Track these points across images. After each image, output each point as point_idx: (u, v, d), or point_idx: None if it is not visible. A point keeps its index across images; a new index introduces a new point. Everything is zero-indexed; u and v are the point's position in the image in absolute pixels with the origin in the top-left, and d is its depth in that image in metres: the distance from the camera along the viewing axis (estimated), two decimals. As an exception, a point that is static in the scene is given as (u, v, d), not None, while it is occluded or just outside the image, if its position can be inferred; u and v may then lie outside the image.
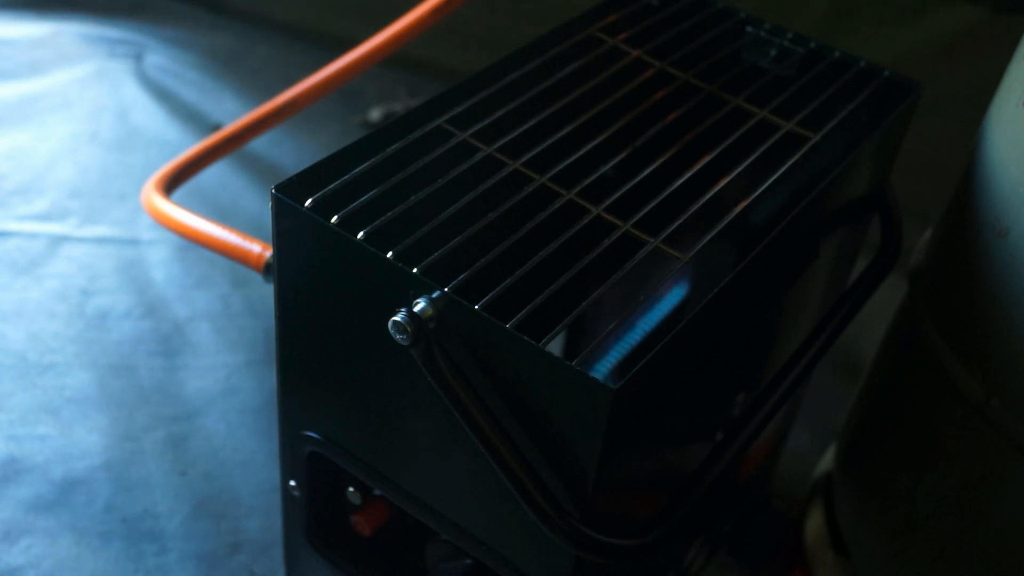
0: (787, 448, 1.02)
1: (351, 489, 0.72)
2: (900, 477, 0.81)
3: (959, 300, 0.73)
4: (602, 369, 0.52)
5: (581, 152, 0.65)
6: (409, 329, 0.54)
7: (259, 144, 1.37)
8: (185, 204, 0.96)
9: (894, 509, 0.82)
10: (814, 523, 0.95)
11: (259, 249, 0.80)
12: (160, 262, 1.24)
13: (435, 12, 1.09)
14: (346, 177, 0.60)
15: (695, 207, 0.62)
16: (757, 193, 0.64)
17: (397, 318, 0.54)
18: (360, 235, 0.57)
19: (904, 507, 0.81)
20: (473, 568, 0.69)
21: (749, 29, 0.80)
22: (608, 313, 0.55)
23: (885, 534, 0.83)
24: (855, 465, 0.89)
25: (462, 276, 0.55)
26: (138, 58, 1.58)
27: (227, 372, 1.11)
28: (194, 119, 1.47)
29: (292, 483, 0.74)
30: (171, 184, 1.04)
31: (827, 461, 0.98)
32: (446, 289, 0.54)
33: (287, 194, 0.59)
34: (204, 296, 1.20)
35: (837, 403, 1.12)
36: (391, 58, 1.14)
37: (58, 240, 1.25)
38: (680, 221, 0.61)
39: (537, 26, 0.79)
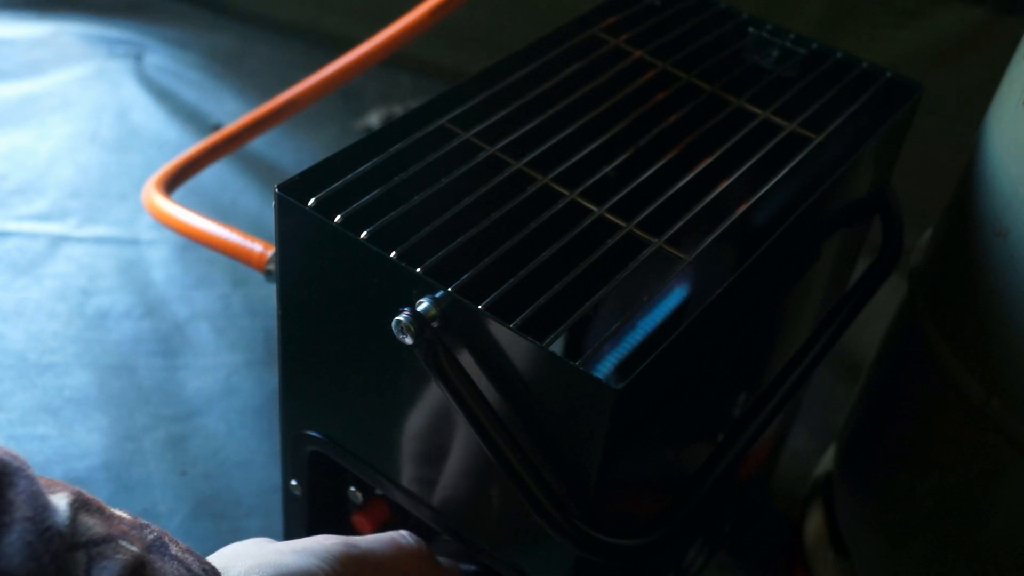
0: (787, 448, 1.02)
1: (352, 489, 0.72)
2: (900, 477, 0.81)
3: (959, 300, 0.73)
4: (605, 369, 0.52)
5: (584, 152, 0.66)
6: (412, 329, 0.54)
7: (259, 144, 1.36)
8: (185, 204, 0.96)
9: (894, 509, 0.82)
10: (814, 523, 0.95)
11: (260, 248, 0.80)
12: (160, 262, 1.24)
13: (435, 12, 1.09)
14: (349, 176, 0.61)
15: (698, 208, 0.62)
16: (760, 194, 0.64)
17: (400, 318, 0.54)
18: (363, 235, 0.57)
19: (904, 507, 0.81)
20: (474, 568, 0.69)
21: (751, 30, 0.80)
22: (611, 313, 0.55)
23: (885, 534, 0.83)
24: (855, 465, 0.89)
25: (465, 276, 0.55)
26: (138, 58, 1.57)
27: (227, 372, 1.11)
28: (194, 119, 1.47)
29: (293, 483, 0.74)
30: (171, 184, 1.04)
31: (827, 461, 0.99)
32: (449, 289, 0.54)
33: (290, 193, 0.59)
34: (204, 296, 1.20)
35: (837, 403, 1.12)
36: (391, 58, 1.14)
37: (58, 240, 1.25)
38: (683, 222, 0.61)
39: (538, 26, 0.79)
